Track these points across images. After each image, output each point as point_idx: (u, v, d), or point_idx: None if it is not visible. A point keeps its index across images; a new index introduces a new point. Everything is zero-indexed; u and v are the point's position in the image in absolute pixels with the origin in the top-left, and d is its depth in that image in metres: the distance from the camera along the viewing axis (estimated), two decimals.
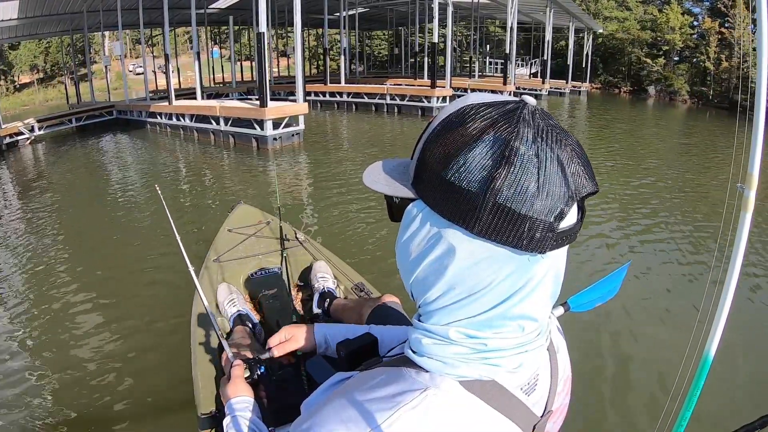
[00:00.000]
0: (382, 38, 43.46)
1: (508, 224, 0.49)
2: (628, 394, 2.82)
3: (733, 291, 1.46)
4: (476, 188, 0.49)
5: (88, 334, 3.49)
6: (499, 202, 0.48)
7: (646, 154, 10.79)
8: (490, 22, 34.94)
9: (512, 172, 0.48)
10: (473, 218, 0.49)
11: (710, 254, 4.65)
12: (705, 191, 7.58)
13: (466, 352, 0.55)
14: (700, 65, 28.01)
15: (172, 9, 13.11)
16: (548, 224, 0.49)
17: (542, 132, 0.50)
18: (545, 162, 0.49)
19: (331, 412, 0.57)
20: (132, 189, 7.85)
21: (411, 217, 0.56)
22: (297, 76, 10.76)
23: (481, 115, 0.51)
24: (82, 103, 17.32)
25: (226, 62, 29.14)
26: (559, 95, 24.70)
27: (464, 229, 0.51)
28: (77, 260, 4.89)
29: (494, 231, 0.49)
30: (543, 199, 0.48)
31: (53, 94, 34.31)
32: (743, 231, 1.42)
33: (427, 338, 0.57)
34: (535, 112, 0.51)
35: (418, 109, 16.18)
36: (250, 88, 20.01)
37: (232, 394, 1.17)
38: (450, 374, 0.55)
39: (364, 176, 0.62)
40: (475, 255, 0.51)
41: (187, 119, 12.62)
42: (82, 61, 25.10)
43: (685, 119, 20.63)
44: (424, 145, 0.55)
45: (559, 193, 0.49)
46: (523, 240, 0.49)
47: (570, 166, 0.50)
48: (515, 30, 18.75)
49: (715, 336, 1.48)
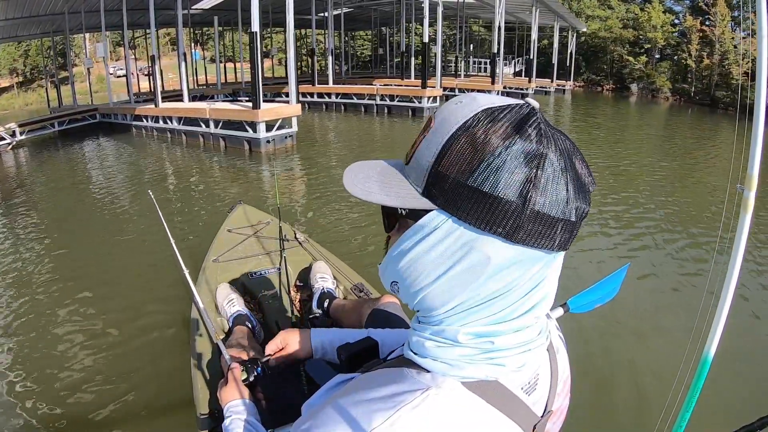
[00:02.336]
0: (365, 38, 43.31)
1: (547, 229, 0.50)
2: (627, 395, 2.81)
3: (732, 291, 1.47)
4: (513, 196, 0.48)
5: (86, 337, 3.45)
6: (537, 208, 0.49)
7: (640, 151, 10.85)
8: (473, 21, 35.06)
9: (546, 178, 0.48)
10: (514, 225, 0.49)
11: (710, 254, 4.64)
12: (705, 191, 7.62)
13: (473, 353, 0.55)
14: (681, 63, 28.46)
15: (156, 10, 12.76)
16: (575, 224, 0.51)
17: (553, 136, 0.51)
18: (569, 165, 0.51)
19: (331, 413, 0.56)
20: (121, 194, 7.60)
21: (429, 228, 0.53)
22: (290, 76, 10.57)
23: (502, 120, 0.50)
24: (63, 106, 16.80)
25: (208, 64, 28.77)
26: (545, 93, 24.86)
27: (502, 237, 0.50)
28: (67, 265, 4.76)
29: (535, 237, 0.50)
30: (572, 202, 0.50)
31: (33, 98, 33.24)
32: (743, 232, 1.43)
33: (431, 341, 0.57)
34: (541, 117, 0.52)
35: (408, 110, 16.05)
36: (235, 89, 19.82)
37: (229, 397, 1.20)
38: (455, 375, 0.54)
39: (349, 186, 0.58)
40: (510, 261, 0.51)
41: (174, 122, 12.32)
42: (62, 64, 24.57)
43: (668, 116, 20.92)
44: (440, 151, 0.52)
45: (581, 194, 0.51)
46: (555, 241, 0.51)
47: (581, 167, 0.53)
48: (503, 29, 18.77)
49: (714, 337, 1.50)
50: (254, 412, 1.19)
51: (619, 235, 5.40)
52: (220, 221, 3.19)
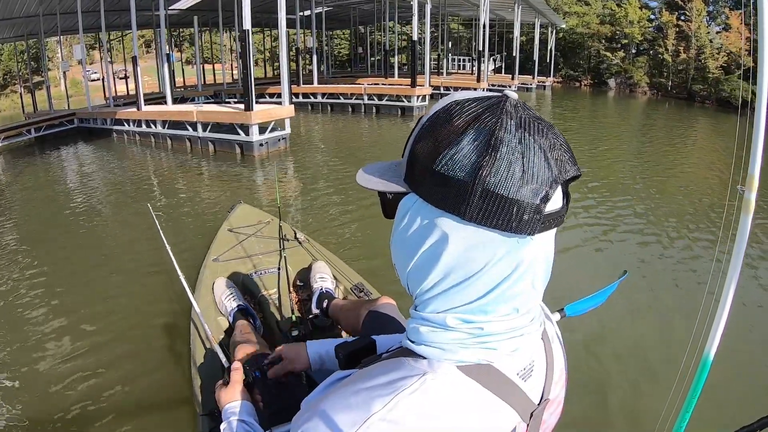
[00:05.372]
0: (343, 38, 42.99)
1: (498, 208, 0.50)
2: (627, 396, 2.81)
3: (732, 292, 1.46)
4: (465, 176, 0.50)
5: (81, 340, 3.42)
6: (488, 188, 0.49)
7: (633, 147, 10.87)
8: (452, 19, 35.06)
9: (498, 158, 0.49)
10: (464, 204, 0.50)
11: (711, 254, 4.57)
12: (705, 191, 7.57)
13: (464, 337, 0.56)
14: (658, 57, 28.92)
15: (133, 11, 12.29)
16: (535, 206, 0.50)
17: (524, 122, 0.51)
18: (528, 148, 0.50)
19: (330, 403, 0.57)
20: (107, 202, 7.30)
21: (404, 210, 0.57)
22: (282, 76, 10.27)
23: (467, 109, 0.53)
24: (39, 111, 16.16)
25: (185, 66, 28.12)
26: (526, 90, 25.02)
27: (456, 216, 0.52)
28: (59, 274, 4.63)
29: (485, 216, 0.50)
30: (528, 183, 0.50)
31: (6, 104, 31.79)
32: (744, 233, 1.42)
33: (425, 326, 0.58)
34: (518, 105, 0.53)
35: (397, 109, 15.83)
36: (217, 90, 19.38)
37: (228, 398, 1.22)
38: (449, 360, 0.56)
39: (358, 176, 0.62)
40: (467, 240, 0.53)
41: (158, 126, 11.83)
42: (36, 68, 23.71)
43: (647, 110, 21.19)
44: (414, 141, 0.56)
45: (543, 177, 0.50)
46: (512, 223, 0.51)
47: (552, 152, 0.52)
48: (487, 27, 18.74)
49: (715, 338, 1.49)
50: (252, 413, 1.22)
51: (619, 235, 5.34)
52: (216, 227, 3.19)
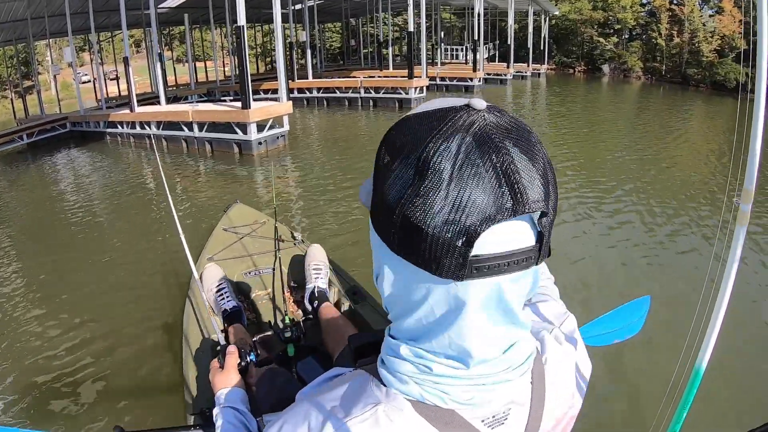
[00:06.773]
0: (334, 31, 42.58)
1: (414, 243, 0.45)
2: (618, 407, 2.77)
3: (726, 301, 1.46)
4: (392, 203, 0.46)
5: (82, 340, 3.50)
6: (406, 221, 0.44)
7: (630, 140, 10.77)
8: (443, 9, 34.77)
9: (423, 187, 0.43)
10: (390, 235, 0.47)
11: (706, 261, 4.36)
12: (704, 191, 7.37)
13: (416, 372, 0.52)
14: (652, 42, 28.78)
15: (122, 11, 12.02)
16: (455, 248, 0.43)
17: (477, 141, 0.43)
18: (466, 176, 0.43)
19: (301, 410, 0.56)
20: (105, 206, 7.18)
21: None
22: (279, 72, 10.07)
23: (407, 129, 0.48)
24: (31, 116, 15.86)
25: (176, 64, 27.78)
26: (521, 78, 24.88)
27: (386, 243, 0.49)
28: (54, 281, 4.70)
29: (405, 251, 0.46)
30: (454, 220, 0.42)
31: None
32: (738, 244, 1.42)
33: (387, 350, 0.56)
34: (476, 120, 0.45)
35: (395, 101, 15.66)
36: (210, 89, 19.13)
37: (222, 384, 1.23)
38: (402, 392, 0.53)
39: (359, 193, 0.59)
40: (398, 272, 0.50)
41: (153, 127, 11.62)
42: (26, 72, 23.33)
43: (641, 95, 21.07)
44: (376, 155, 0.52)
45: (477, 212, 0.42)
46: (431, 263, 0.45)
47: (510, 177, 0.43)
48: (482, 16, 18.55)
49: (707, 348, 1.48)
50: (245, 399, 1.22)
51: (617, 235, 5.25)
52: (212, 226, 3.23)
